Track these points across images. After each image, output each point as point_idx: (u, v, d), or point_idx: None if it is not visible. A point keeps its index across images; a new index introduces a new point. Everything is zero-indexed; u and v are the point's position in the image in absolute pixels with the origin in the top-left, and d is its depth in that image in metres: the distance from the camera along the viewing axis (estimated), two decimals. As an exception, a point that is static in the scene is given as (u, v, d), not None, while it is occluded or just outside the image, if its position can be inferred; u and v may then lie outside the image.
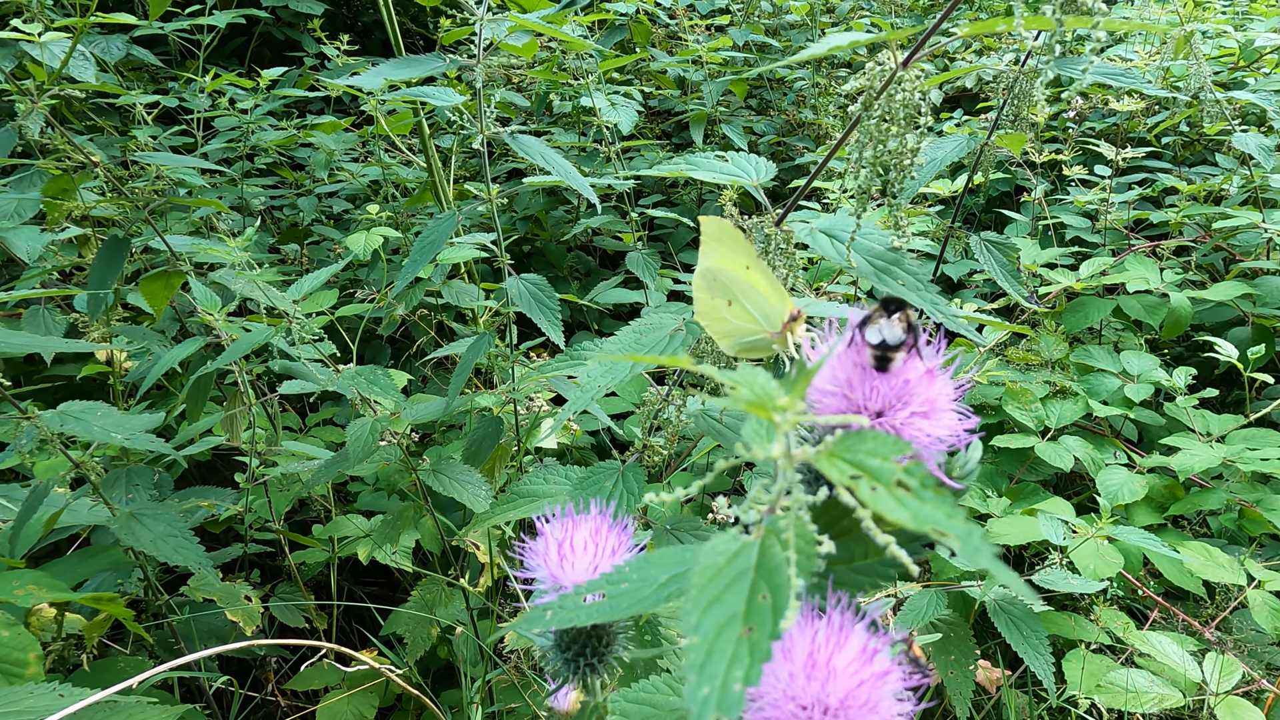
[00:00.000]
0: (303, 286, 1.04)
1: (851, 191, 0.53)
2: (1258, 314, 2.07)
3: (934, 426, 0.36)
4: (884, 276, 0.58)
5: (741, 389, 0.28)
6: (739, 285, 0.47)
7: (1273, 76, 2.58)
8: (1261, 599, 1.33)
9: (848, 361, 0.39)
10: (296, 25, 4.08)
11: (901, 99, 0.50)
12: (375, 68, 0.85)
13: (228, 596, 1.14)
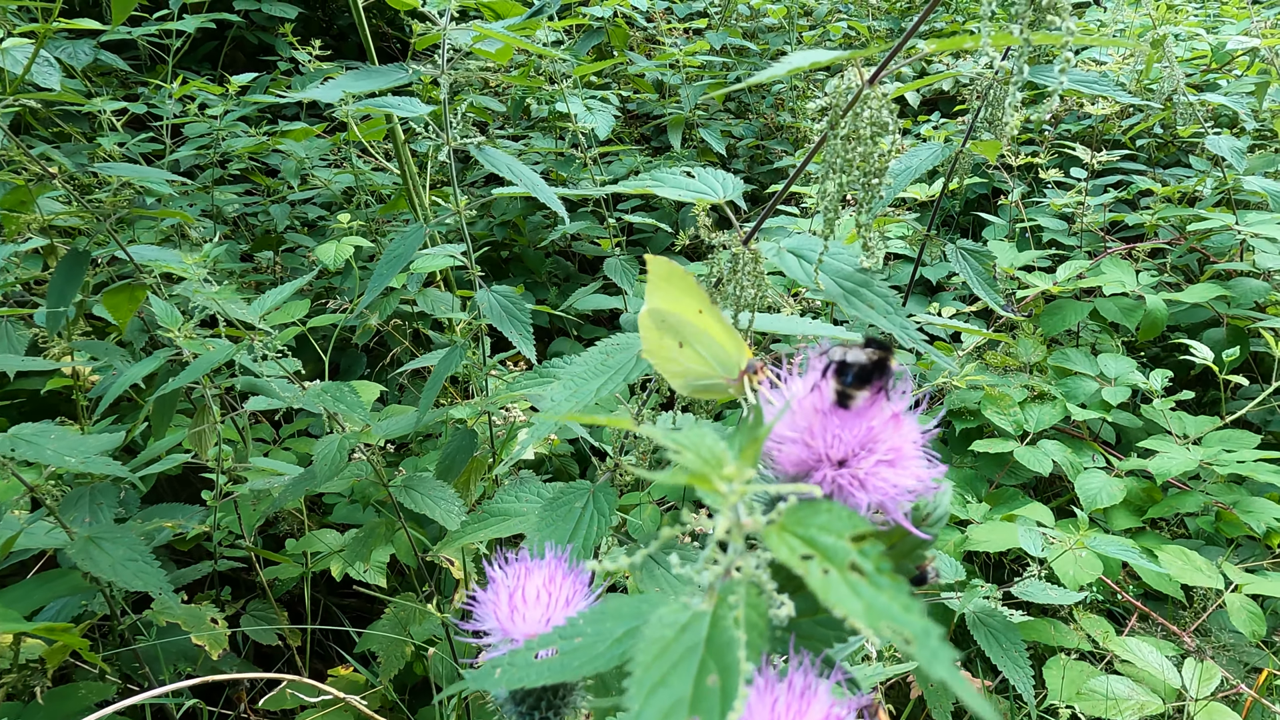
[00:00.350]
0: (266, 302, 1.02)
1: (819, 207, 0.51)
2: (1232, 315, 2.08)
3: (900, 475, 0.34)
4: (853, 299, 0.56)
5: (686, 454, 0.26)
6: (690, 329, 0.45)
7: (1244, 79, 2.60)
8: (1239, 603, 1.34)
9: (809, 406, 0.37)
10: (270, 29, 4.03)
11: (868, 117, 0.49)
12: (334, 80, 0.83)
13: (192, 620, 1.12)
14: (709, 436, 0.28)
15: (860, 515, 0.26)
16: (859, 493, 0.34)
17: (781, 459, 0.36)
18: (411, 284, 1.99)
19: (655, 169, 2.48)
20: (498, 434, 1.39)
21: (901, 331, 0.56)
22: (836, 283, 0.57)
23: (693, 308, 0.45)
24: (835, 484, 0.34)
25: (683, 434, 0.28)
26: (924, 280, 2.42)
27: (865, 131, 0.48)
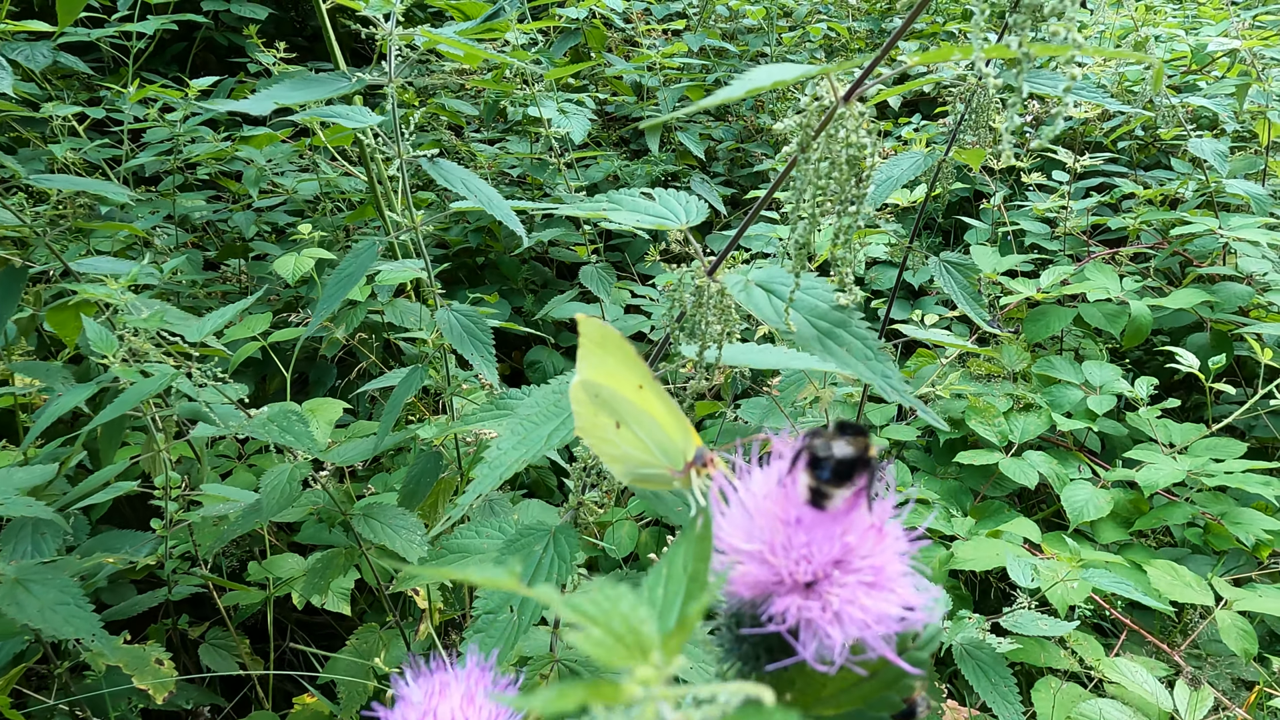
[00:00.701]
0: (206, 325, 0.96)
1: (788, 246, 0.46)
2: (1216, 320, 2.06)
3: (883, 602, 0.28)
4: (828, 342, 0.51)
5: (592, 630, 0.21)
6: (628, 409, 0.39)
7: (1224, 81, 2.59)
8: (1230, 620, 1.30)
9: (771, 510, 0.30)
10: (241, 30, 3.95)
11: (844, 138, 0.44)
12: (266, 90, 0.77)
13: (135, 662, 1.05)
14: (625, 601, 0.22)
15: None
16: (832, 629, 0.28)
17: (737, 580, 0.30)
18: (382, 294, 1.93)
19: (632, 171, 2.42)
20: (467, 452, 1.34)
21: (883, 381, 0.50)
22: (810, 322, 0.51)
23: (631, 382, 0.39)
24: (803, 617, 0.28)
25: (591, 600, 0.22)
26: (906, 284, 2.39)
27: (840, 155, 0.43)
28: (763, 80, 0.37)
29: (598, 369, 0.40)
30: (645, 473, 0.40)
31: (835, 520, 0.29)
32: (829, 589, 0.28)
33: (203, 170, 2.49)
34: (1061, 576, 1.04)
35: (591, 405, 0.40)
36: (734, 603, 0.30)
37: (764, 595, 0.29)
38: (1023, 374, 1.90)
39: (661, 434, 0.38)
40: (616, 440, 0.40)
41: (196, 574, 1.33)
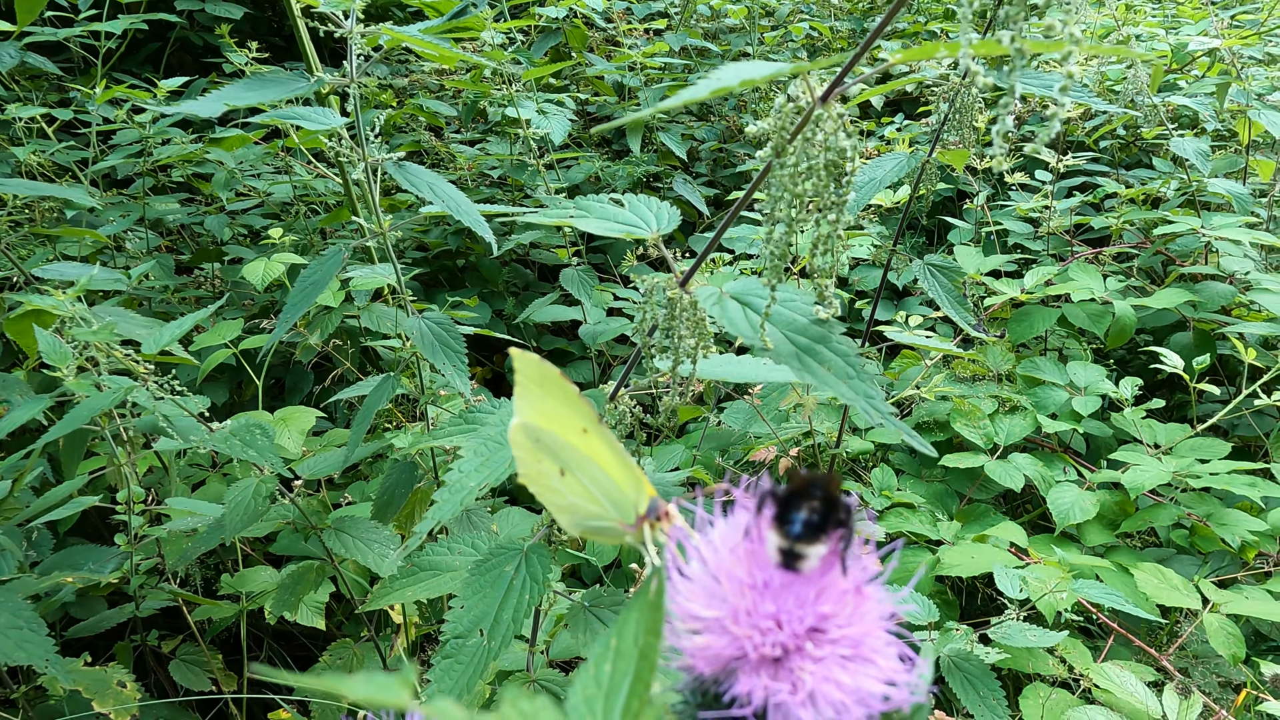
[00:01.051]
0: (163, 336, 0.92)
1: (764, 257, 0.43)
2: (1199, 319, 2.06)
3: (863, 677, 0.25)
4: (806, 359, 0.48)
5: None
6: (572, 456, 0.35)
7: (1204, 80, 2.59)
8: (1217, 623, 1.29)
9: (734, 571, 0.27)
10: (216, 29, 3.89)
11: (822, 141, 0.41)
12: (217, 92, 0.74)
13: (95, 685, 1.02)
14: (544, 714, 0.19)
15: None
16: (805, 713, 0.24)
17: (695, 654, 0.26)
18: (359, 298, 1.89)
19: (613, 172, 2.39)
20: (444, 461, 1.31)
21: (865, 403, 0.47)
22: (788, 338, 0.49)
23: (575, 425, 0.35)
24: (772, 700, 0.25)
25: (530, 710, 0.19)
26: (890, 285, 2.38)
27: (818, 160, 0.41)
28: (730, 80, 0.35)
29: (538, 410, 0.36)
30: (595, 525, 0.37)
31: (808, 583, 0.26)
32: (801, 664, 0.24)
33: (176, 173, 2.44)
34: (1050, 588, 1.03)
35: (533, 450, 0.37)
36: (693, 682, 0.27)
37: (727, 671, 0.26)
38: (1007, 375, 1.89)
39: (610, 484, 0.35)
40: (562, 489, 0.36)
41: (165, 589, 1.29)
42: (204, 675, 1.38)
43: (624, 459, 0.34)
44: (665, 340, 0.50)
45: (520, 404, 0.37)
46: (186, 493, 1.41)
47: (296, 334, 1.89)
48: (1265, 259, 2.30)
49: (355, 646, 1.24)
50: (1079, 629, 1.58)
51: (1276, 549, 1.59)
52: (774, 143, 0.42)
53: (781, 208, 0.42)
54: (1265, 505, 1.60)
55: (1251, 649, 1.53)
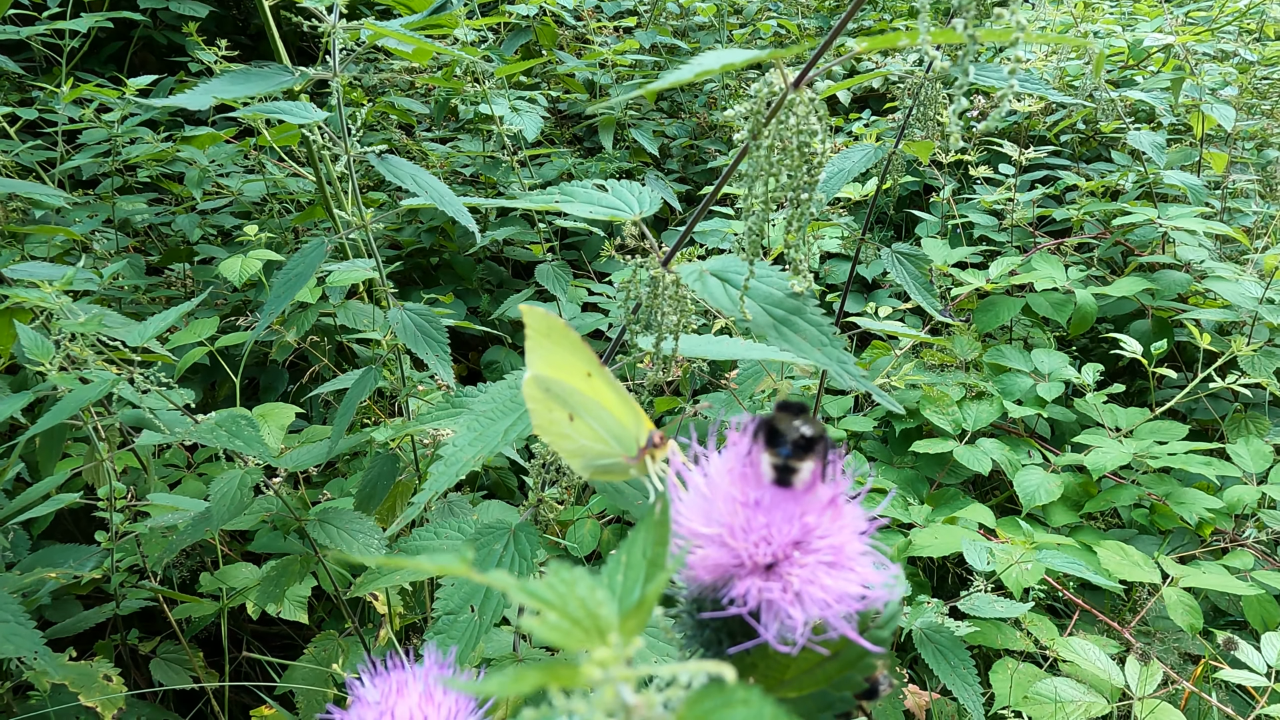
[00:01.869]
0: (149, 329, 0.92)
1: (742, 236, 0.46)
2: (1157, 307, 2.12)
3: (843, 581, 0.28)
4: (783, 329, 0.51)
5: (549, 615, 0.20)
6: (579, 400, 0.38)
7: (1160, 75, 2.67)
8: (1176, 597, 1.35)
9: (729, 493, 0.30)
10: (181, 28, 3.84)
11: (794, 124, 0.44)
12: (205, 85, 0.75)
13: (81, 679, 1.02)
14: (581, 584, 0.22)
15: (788, 718, 0.20)
16: (793, 609, 0.28)
17: (697, 564, 0.30)
18: (334, 295, 1.89)
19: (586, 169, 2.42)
20: (425, 454, 1.32)
21: (839, 367, 0.51)
22: (765, 310, 0.52)
23: (580, 370, 0.38)
24: (764, 598, 0.28)
25: (547, 584, 0.22)
26: (860, 278, 2.42)
27: (792, 141, 0.43)
28: (712, 64, 0.37)
29: (546, 361, 0.39)
30: (603, 463, 0.40)
31: (794, 501, 0.30)
32: (789, 570, 0.28)
33: (143, 172, 2.42)
34: (1016, 559, 1.07)
35: (545, 400, 0.40)
36: (694, 588, 0.30)
37: (724, 578, 0.29)
38: (974, 363, 1.94)
39: (613, 421, 0.38)
40: (572, 434, 0.39)
41: (145, 587, 1.29)
42: (185, 673, 1.38)
43: (625, 397, 0.37)
44: (648, 318, 0.52)
45: (531, 357, 0.40)
46: (164, 491, 1.41)
47: (271, 333, 1.89)
48: (1219, 248, 2.38)
49: (340, 639, 1.25)
50: (1046, 607, 1.63)
51: (1232, 526, 1.65)
52: (751, 125, 0.45)
53: (758, 187, 0.45)
54: (1221, 484, 1.67)
55: (1210, 623, 1.59)
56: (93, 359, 0.82)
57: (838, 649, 0.29)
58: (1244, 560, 1.49)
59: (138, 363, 0.87)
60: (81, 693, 0.99)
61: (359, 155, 0.86)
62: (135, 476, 1.54)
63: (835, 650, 0.29)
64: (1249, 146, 2.83)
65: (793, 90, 0.43)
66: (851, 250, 2.22)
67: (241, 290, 2.08)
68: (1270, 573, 1.47)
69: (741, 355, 0.58)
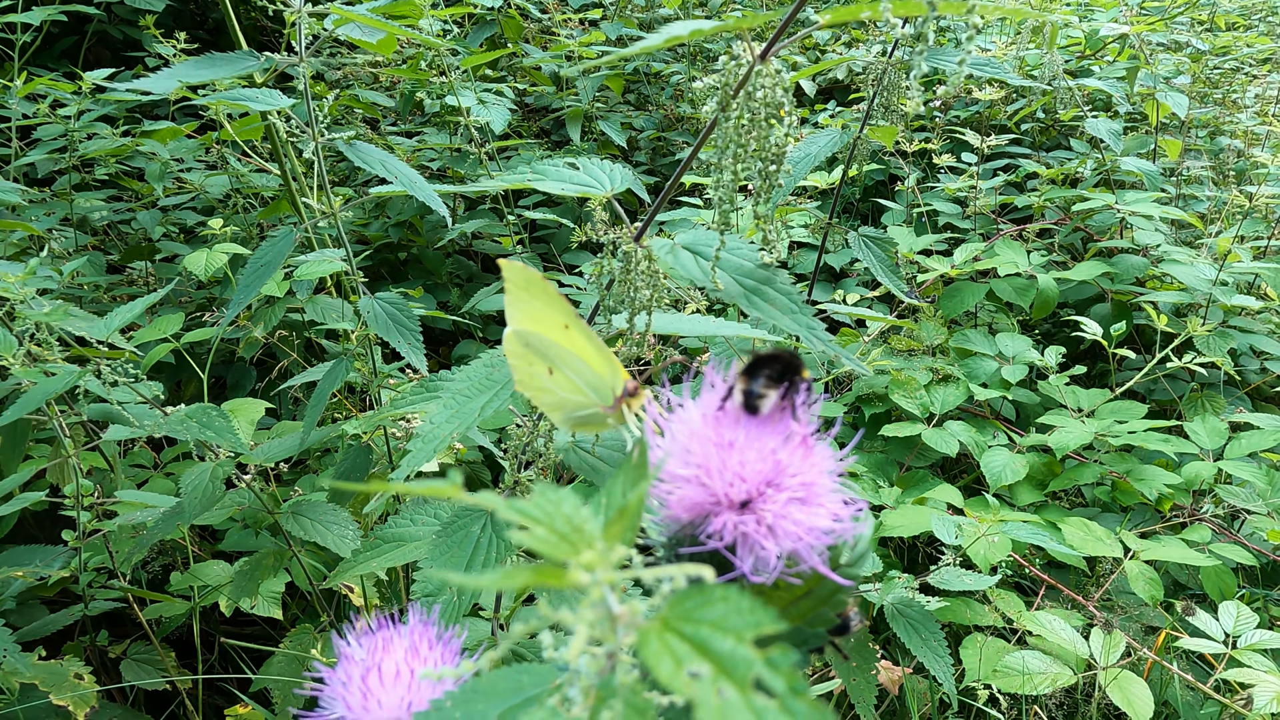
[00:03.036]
0: (114, 321, 0.91)
1: (714, 206, 0.47)
2: (1116, 290, 2.17)
3: (814, 515, 0.30)
4: (754, 298, 0.52)
5: (537, 530, 0.21)
6: (557, 352, 0.39)
7: (1116, 64, 2.73)
8: (1138, 569, 1.38)
9: (705, 435, 0.31)
10: (137, 22, 3.77)
11: (762, 97, 0.45)
12: (169, 69, 0.74)
13: (52, 678, 1.00)
14: (567, 503, 0.23)
15: (764, 609, 0.21)
16: (767, 541, 0.29)
17: (673, 503, 0.31)
18: (301, 290, 1.87)
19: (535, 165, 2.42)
20: (398, 446, 1.31)
21: (808, 332, 0.52)
22: (736, 281, 0.53)
23: (557, 323, 0.39)
24: (739, 532, 0.30)
25: (533, 502, 0.23)
26: (828, 267, 2.45)
27: (760, 113, 0.44)
28: (682, 31, 0.38)
29: (526, 314, 0.40)
30: (582, 414, 0.40)
31: (766, 441, 0.31)
32: (763, 506, 0.29)
33: (101, 169, 2.37)
34: (983, 532, 1.09)
35: (525, 355, 0.40)
36: (673, 530, 0.31)
37: (702, 517, 0.30)
38: (941, 348, 1.97)
39: (590, 372, 0.39)
40: (552, 387, 0.40)
41: (115, 587, 1.27)
42: (157, 674, 1.36)
43: (601, 348, 0.37)
44: (622, 295, 0.53)
45: (512, 311, 0.40)
46: (133, 489, 1.39)
47: (238, 329, 1.87)
48: (1175, 233, 2.44)
49: (315, 633, 1.24)
50: (1013, 584, 1.66)
51: (1190, 501, 1.70)
52: (719, 98, 0.45)
53: (728, 159, 0.46)
54: (1179, 461, 1.71)
55: (1171, 595, 1.63)
56: (57, 354, 0.81)
57: (811, 586, 0.30)
58: (1201, 534, 1.54)
59: (104, 356, 0.86)
60: (52, 691, 0.97)
61: (327, 143, 0.85)
62: (101, 477, 1.52)
63: (809, 588, 0.30)
64: (1202, 134, 2.90)
65: (759, 62, 0.44)
66: (818, 240, 2.25)
67: (207, 286, 2.05)
68: (1227, 545, 1.52)
69: (713, 332, 0.59)
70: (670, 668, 0.19)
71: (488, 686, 0.27)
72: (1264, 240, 2.39)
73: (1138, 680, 1.18)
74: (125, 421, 0.91)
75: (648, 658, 0.19)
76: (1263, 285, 2.15)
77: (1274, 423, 1.76)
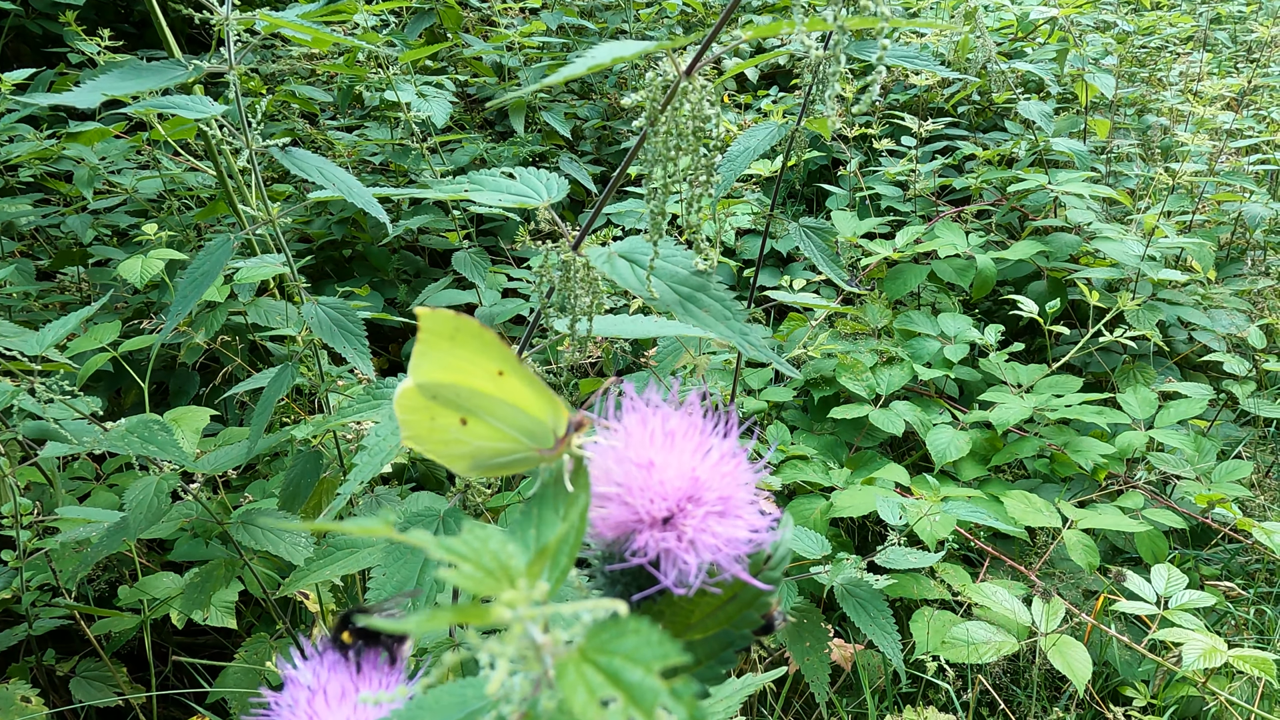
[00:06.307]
0: (47, 337, 0.89)
1: (646, 218, 0.48)
2: (1051, 268, 2.24)
3: (732, 528, 0.31)
4: (689, 305, 0.53)
5: (464, 566, 0.22)
6: (478, 402, 0.38)
7: (1046, 47, 2.80)
8: (1075, 538, 1.44)
9: (625, 456, 0.33)
10: (57, 17, 3.62)
11: (689, 110, 0.46)
12: (93, 81, 0.72)
13: (0, 702, 0.98)
14: (494, 540, 0.24)
15: (671, 642, 0.23)
16: (688, 555, 0.31)
17: (600, 523, 0.33)
18: (243, 293, 1.83)
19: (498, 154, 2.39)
20: (349, 449, 1.30)
21: (740, 339, 0.53)
22: (671, 288, 0.54)
23: (489, 370, 0.38)
24: (661, 548, 0.31)
25: (462, 540, 0.23)
26: (775, 252, 2.48)
27: (687, 126, 0.45)
28: (604, 57, 0.39)
29: (440, 365, 0.38)
30: (501, 461, 0.39)
31: (686, 460, 0.32)
32: (683, 521, 0.31)
33: (26, 172, 2.28)
34: (925, 512, 1.13)
35: (428, 408, 0.39)
36: (602, 546, 0.33)
37: (627, 534, 0.32)
38: (885, 330, 2.02)
39: (526, 418, 0.37)
40: (464, 437, 0.39)
41: (60, 605, 1.24)
42: (109, 690, 1.33)
43: (542, 391, 0.37)
44: (562, 301, 0.54)
45: (420, 363, 0.39)
46: (73, 504, 1.36)
47: (179, 335, 1.82)
48: (1106, 210, 2.52)
49: (271, 641, 1.23)
50: (960, 558, 1.72)
51: (1125, 469, 1.77)
52: (647, 113, 0.46)
53: (658, 172, 0.47)
54: (1113, 431, 1.78)
55: (1109, 561, 1.71)
56: None
57: (735, 591, 0.32)
58: (1135, 500, 1.61)
59: (38, 372, 0.84)
60: (-2, 717, 0.95)
61: (261, 149, 0.84)
62: (40, 492, 1.48)
63: (734, 593, 0.32)
64: (1130, 113, 3.00)
65: (685, 78, 0.45)
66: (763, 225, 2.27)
67: (143, 292, 2.00)
68: (1159, 510, 1.59)
69: (655, 332, 0.60)
70: (584, 698, 0.20)
71: (433, 703, 0.28)
72: (1189, 215, 2.49)
73: (1077, 644, 1.24)
74: (62, 439, 0.89)
75: (564, 688, 0.21)
76: (1188, 259, 2.24)
77: (1201, 391, 1.84)
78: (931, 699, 1.43)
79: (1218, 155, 2.52)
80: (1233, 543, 1.76)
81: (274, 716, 0.37)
